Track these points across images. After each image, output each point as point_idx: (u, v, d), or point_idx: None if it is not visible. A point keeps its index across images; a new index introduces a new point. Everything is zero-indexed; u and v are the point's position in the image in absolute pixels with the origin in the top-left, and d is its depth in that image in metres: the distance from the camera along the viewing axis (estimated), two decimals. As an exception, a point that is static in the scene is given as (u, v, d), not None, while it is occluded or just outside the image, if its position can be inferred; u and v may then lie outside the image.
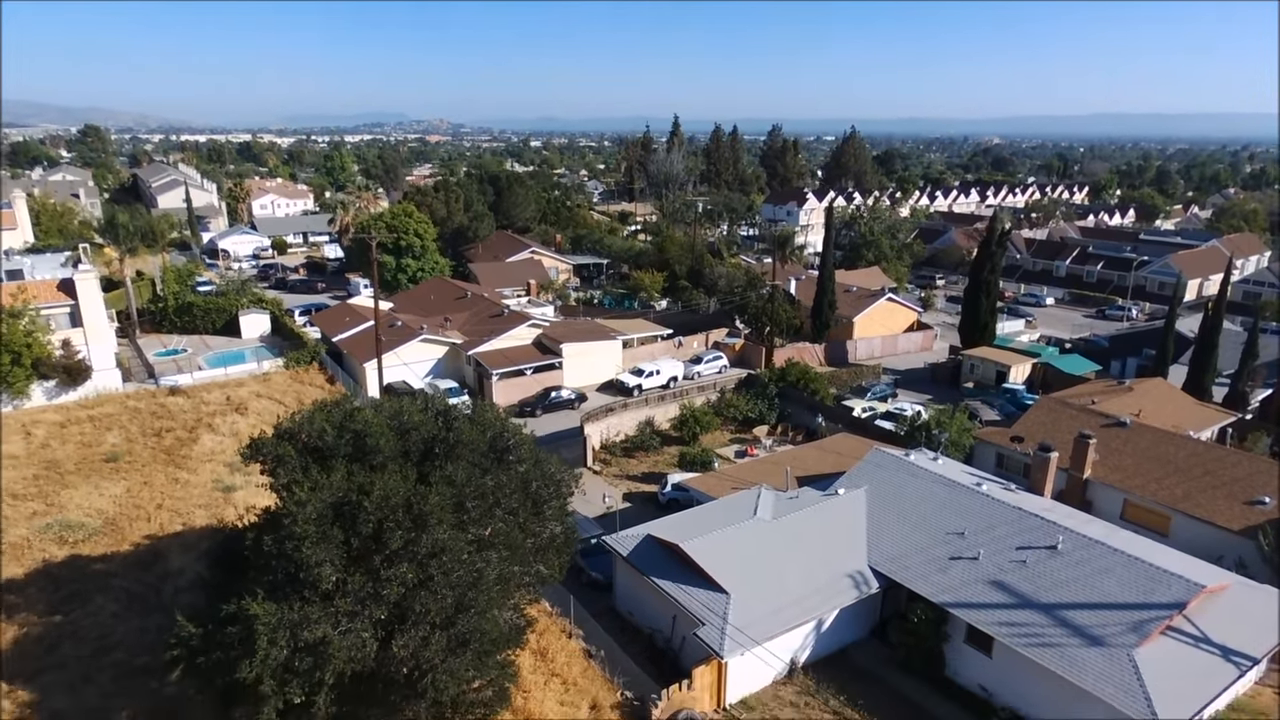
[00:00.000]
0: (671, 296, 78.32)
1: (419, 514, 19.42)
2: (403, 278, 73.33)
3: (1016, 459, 40.29)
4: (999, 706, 25.32)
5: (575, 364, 55.34)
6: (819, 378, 51.11)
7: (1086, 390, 48.22)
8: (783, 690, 26.59)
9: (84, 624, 27.01)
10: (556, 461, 26.16)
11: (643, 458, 45.67)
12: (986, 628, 25.03)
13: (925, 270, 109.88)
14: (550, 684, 25.38)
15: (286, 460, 21.21)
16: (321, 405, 23.40)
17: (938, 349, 71.53)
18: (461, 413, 23.76)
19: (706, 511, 31.68)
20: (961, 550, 28.06)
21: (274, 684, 18.81)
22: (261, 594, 19.10)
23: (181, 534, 33.02)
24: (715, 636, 24.87)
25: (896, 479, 32.42)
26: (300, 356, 56.18)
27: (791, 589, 27.12)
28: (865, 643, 28.90)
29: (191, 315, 65.14)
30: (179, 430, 43.45)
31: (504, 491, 22.31)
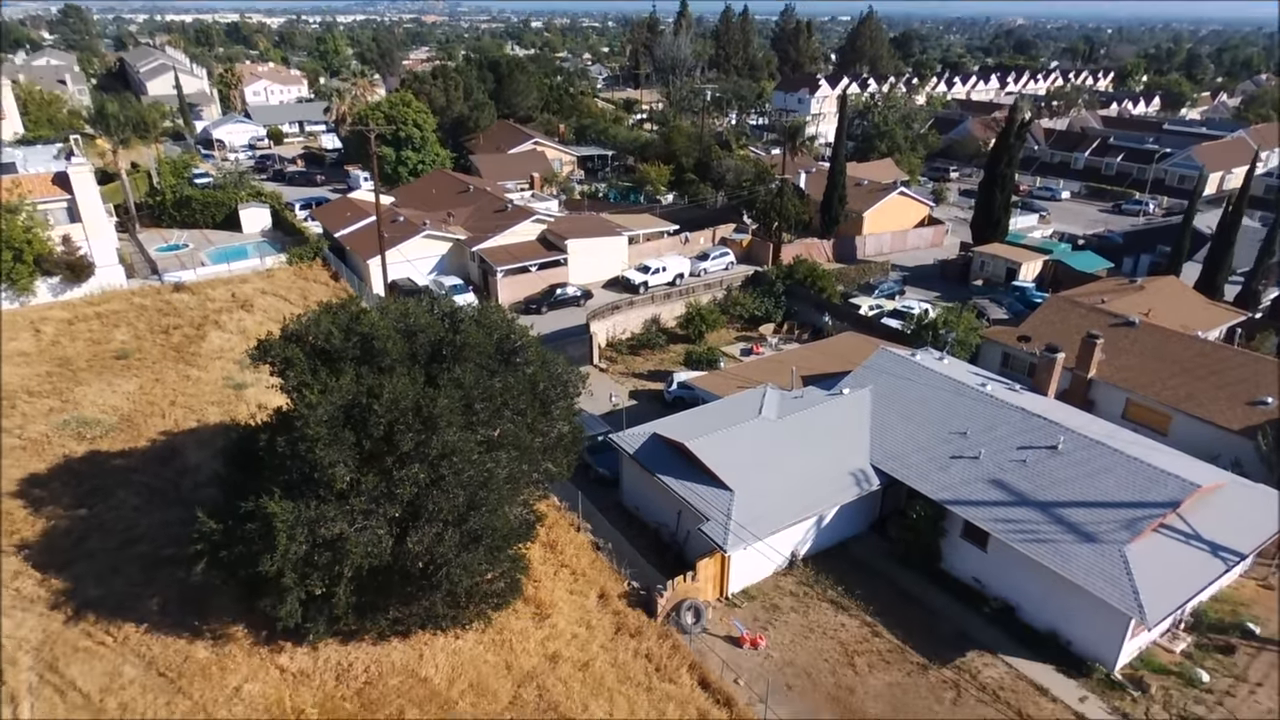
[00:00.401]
0: (678, 190, 76.58)
1: (428, 417, 19.66)
2: (403, 171, 71.65)
3: (1022, 359, 40.32)
4: (991, 597, 26.36)
5: (580, 261, 54.74)
6: (826, 275, 50.58)
7: (1097, 289, 47.71)
8: (783, 581, 27.66)
9: (108, 517, 27.93)
10: (563, 362, 26.29)
11: (648, 356, 45.88)
12: (983, 524, 25.74)
13: (939, 162, 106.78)
14: (560, 574, 26.42)
15: (295, 363, 21.31)
16: (327, 307, 23.32)
17: (948, 245, 70.40)
18: (468, 314, 23.65)
19: (712, 410, 32.05)
20: (963, 449, 28.49)
21: (295, 577, 19.61)
22: (278, 493, 19.62)
23: (196, 430, 33.67)
24: (719, 531, 25.65)
25: (901, 379, 32.57)
26: (303, 252, 55.60)
27: (794, 486, 27.75)
28: (864, 537, 29.83)
29: (190, 209, 64.03)
30: (186, 327, 43.58)
31: (512, 393, 22.50)
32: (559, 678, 22.13)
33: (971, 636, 25.31)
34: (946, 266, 61.57)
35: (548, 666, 22.48)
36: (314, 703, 20.91)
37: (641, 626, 24.34)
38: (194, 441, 32.78)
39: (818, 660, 24.28)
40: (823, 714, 22.34)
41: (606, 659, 22.92)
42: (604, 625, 24.30)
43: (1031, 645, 24.85)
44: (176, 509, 28.40)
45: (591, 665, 22.61)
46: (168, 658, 22.12)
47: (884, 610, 26.23)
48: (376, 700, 21.06)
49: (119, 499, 29.03)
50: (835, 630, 25.48)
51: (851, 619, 25.92)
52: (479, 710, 20.90)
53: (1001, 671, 23.96)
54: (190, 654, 22.27)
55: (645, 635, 23.97)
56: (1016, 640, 25.11)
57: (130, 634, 22.86)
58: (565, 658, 22.78)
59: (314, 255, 55.79)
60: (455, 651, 22.56)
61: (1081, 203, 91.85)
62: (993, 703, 22.82)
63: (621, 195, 77.44)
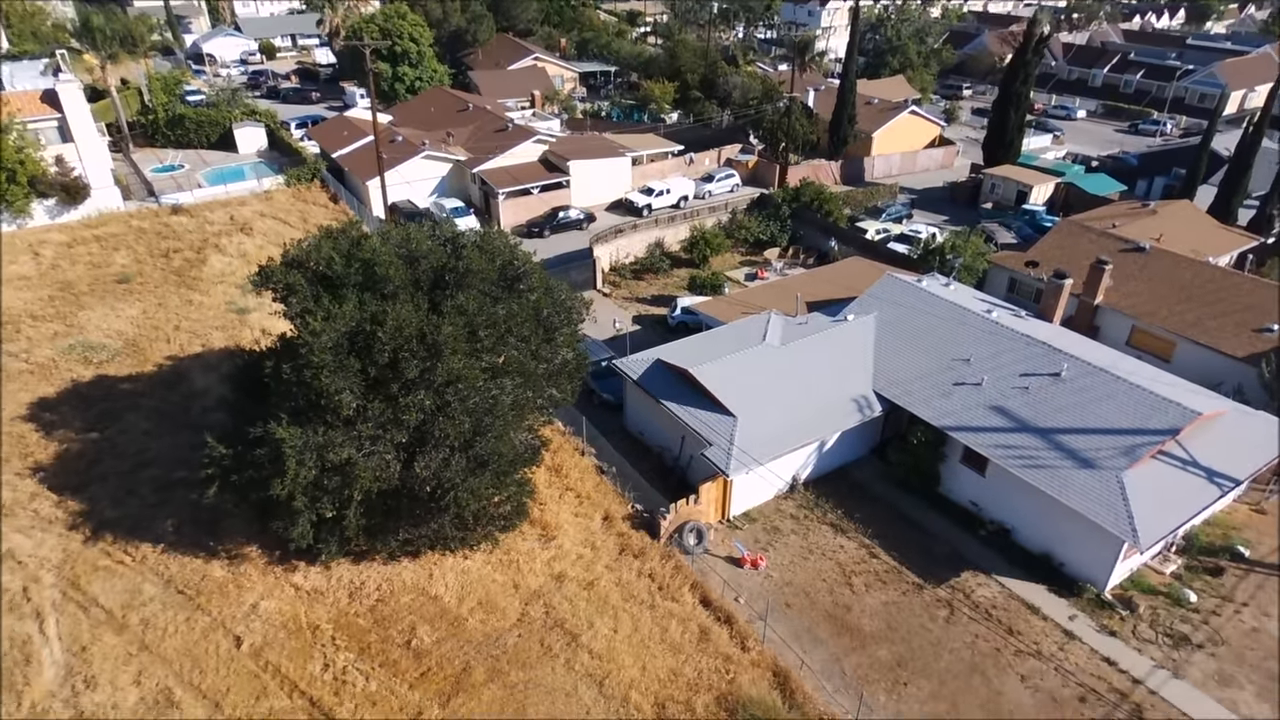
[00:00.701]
0: (683, 109, 74.51)
1: (433, 344, 19.66)
2: (400, 88, 69.61)
3: (1029, 284, 39.99)
4: (987, 520, 26.90)
5: (583, 183, 53.72)
6: (833, 198, 49.71)
7: (1109, 213, 46.88)
8: (784, 504, 28.20)
9: (120, 440, 28.33)
10: (567, 288, 26.13)
11: (652, 280, 45.58)
12: (983, 450, 26.03)
13: (952, 79, 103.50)
14: (565, 497, 26.93)
15: (297, 289, 21.17)
16: (328, 232, 23.03)
17: (959, 167, 68.98)
18: (470, 240, 23.36)
19: (716, 336, 32.02)
20: (966, 376, 28.56)
21: (305, 500, 19.99)
22: (286, 419, 19.80)
23: (201, 355, 33.79)
24: (721, 456, 25.99)
25: (907, 305, 32.39)
26: (301, 174, 54.58)
27: (797, 412, 27.96)
28: (865, 462, 30.24)
29: (184, 128, 62.58)
30: (186, 251, 43.21)
31: (515, 320, 22.42)
32: (565, 596, 22.83)
33: (967, 558, 25.94)
34: (956, 189, 60.44)
35: (554, 585, 23.15)
36: (328, 619, 21.65)
37: (645, 548, 24.94)
38: (200, 366, 32.95)
39: (816, 580, 24.97)
40: (819, 630, 23.11)
41: (611, 578, 23.58)
42: (608, 546, 24.91)
43: (1025, 567, 25.50)
44: (186, 433, 28.75)
45: (596, 584, 23.29)
46: (185, 576, 22.80)
47: (882, 533, 26.82)
48: (389, 616, 21.79)
49: (129, 423, 29.38)
50: (834, 552, 26.11)
51: (850, 541, 26.53)
52: (488, 627, 21.64)
53: (994, 591, 24.65)
54: (207, 573, 22.95)
55: (648, 556, 24.59)
56: (1010, 562, 25.75)
57: (148, 553, 23.50)
58: (571, 577, 23.45)
59: (312, 177, 54.80)
60: (464, 571, 23.22)
61: (1097, 122, 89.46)
62: (984, 620, 23.57)
63: (625, 114, 75.43)
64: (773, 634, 22.56)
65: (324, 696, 19.55)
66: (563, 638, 21.50)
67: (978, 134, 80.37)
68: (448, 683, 20.06)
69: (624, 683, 20.33)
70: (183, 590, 22.36)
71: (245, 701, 19.38)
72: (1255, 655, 22.43)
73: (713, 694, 20.27)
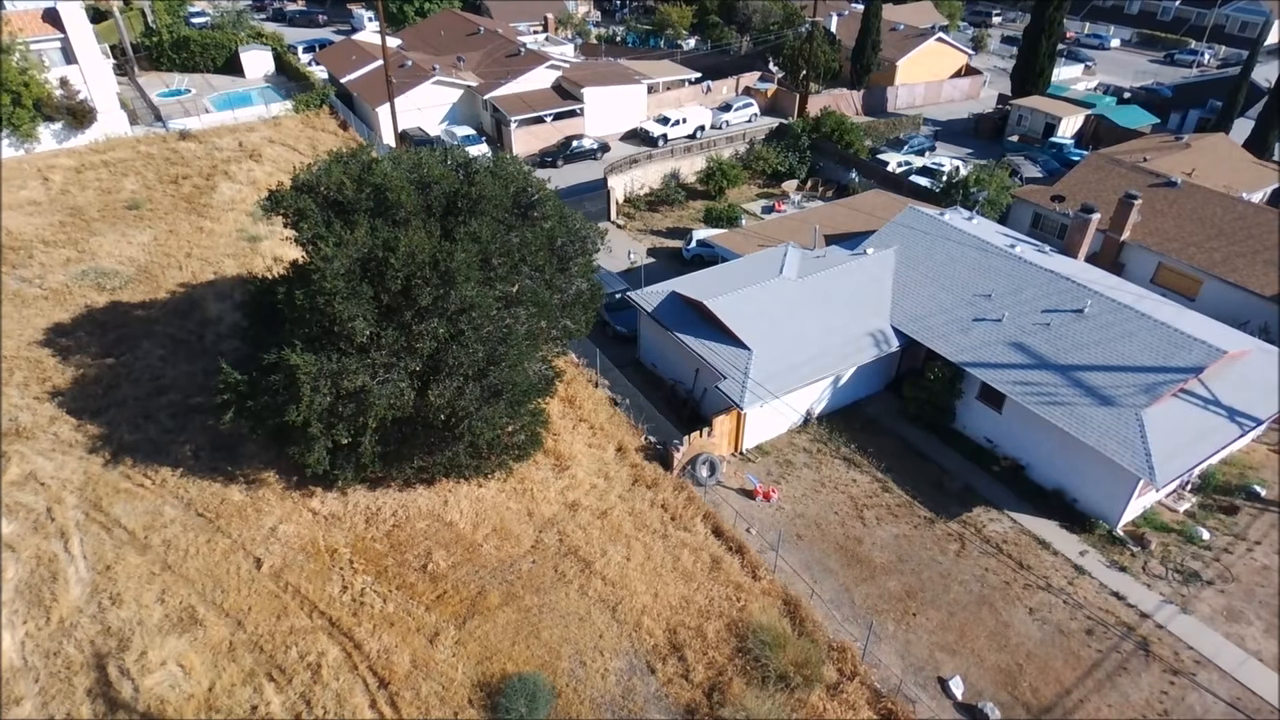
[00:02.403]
0: (700, 34, 72.09)
1: (446, 271, 19.37)
2: (409, 10, 67.56)
3: (1054, 219, 39.01)
4: (1001, 456, 26.80)
5: (597, 111, 52.39)
6: (854, 129, 48.25)
7: (1140, 146, 45.36)
8: (797, 438, 28.17)
9: (136, 366, 28.45)
10: (581, 219, 25.65)
11: (667, 212, 44.77)
12: (1001, 386, 25.73)
13: (981, 4, 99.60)
14: (578, 428, 26.98)
15: (308, 214, 20.83)
16: (338, 156, 22.53)
17: (985, 97, 66.79)
18: (483, 165, 22.81)
19: (732, 269, 31.51)
20: (986, 312, 28.07)
21: (321, 426, 20.07)
22: (300, 345, 19.72)
23: (214, 283, 33.67)
24: (736, 389, 25.84)
25: (928, 239, 31.67)
26: (309, 99, 53.45)
27: (813, 346, 27.67)
28: (880, 396, 30.06)
29: (189, 51, 61.12)
30: (195, 178, 42.67)
31: (529, 249, 22.07)
32: (578, 524, 23.06)
33: (979, 493, 25.95)
34: (981, 121, 58.52)
35: (567, 514, 23.37)
36: (345, 543, 22.00)
37: (658, 479, 25.06)
38: (213, 294, 32.85)
39: (828, 513, 25.09)
40: (830, 561, 23.32)
41: (624, 508, 23.77)
42: (621, 477, 25.04)
43: (1037, 502, 25.51)
44: (201, 360, 28.86)
45: (609, 514, 23.49)
46: (204, 499, 23.14)
47: (895, 467, 26.81)
48: (404, 542, 22.11)
49: (144, 349, 29.46)
50: (846, 485, 26.17)
51: (863, 475, 26.56)
52: (502, 553, 21.94)
53: (1006, 526, 24.73)
54: (226, 496, 23.27)
55: (661, 487, 24.72)
56: (1023, 498, 25.75)
57: (167, 477, 23.82)
58: (584, 506, 23.64)
59: (320, 103, 53.67)
60: (479, 499, 23.45)
61: (1131, 52, 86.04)
62: (995, 554, 23.70)
63: (640, 39, 73.09)
64: (783, 564, 22.80)
65: (343, 617, 19.98)
66: (576, 564, 21.80)
67: (1006, 63, 77.63)
68: (463, 605, 20.44)
69: (636, 609, 20.67)
70: (203, 513, 22.72)
71: (267, 620, 19.84)
72: (1265, 592, 22.51)
73: (723, 620, 20.58)
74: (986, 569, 23.26)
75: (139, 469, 24.09)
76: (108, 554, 21.36)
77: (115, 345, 29.58)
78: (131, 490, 23.36)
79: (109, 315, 31.31)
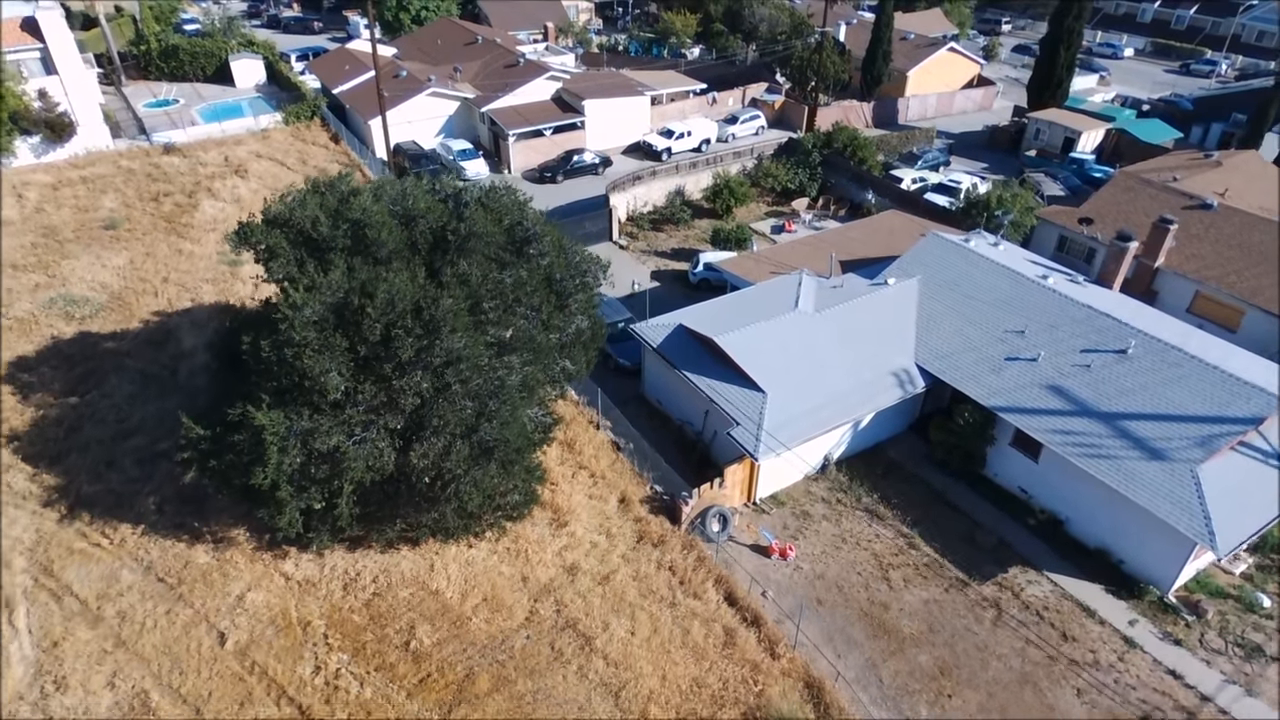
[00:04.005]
0: (705, 43, 70.07)
1: (430, 320, 17.29)
2: (405, 18, 65.52)
3: (1082, 242, 36.94)
4: (1038, 509, 24.69)
5: (599, 124, 50.36)
6: (867, 144, 46.18)
7: (1167, 164, 43.29)
8: (815, 486, 26.08)
9: (101, 405, 26.38)
10: (582, 251, 23.58)
11: (672, 231, 42.69)
12: (1038, 435, 23.64)
13: (990, 12, 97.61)
14: (578, 476, 24.89)
15: (279, 252, 18.76)
16: (314, 186, 20.48)
17: (998, 108, 64.81)
18: (474, 196, 20.74)
19: (743, 299, 29.45)
20: (1019, 350, 25.98)
21: (291, 490, 17.98)
22: (268, 400, 17.65)
23: (191, 311, 31.60)
24: (749, 438, 23.74)
25: (953, 268, 29.60)
26: (300, 111, 51.39)
27: (832, 387, 25.58)
28: (903, 438, 27.96)
29: (178, 60, 59.12)
30: (177, 195, 40.63)
31: (525, 289, 19.99)
32: (578, 591, 20.94)
33: (1015, 550, 23.84)
34: (997, 134, 56.54)
35: (566, 579, 21.25)
36: (321, 614, 19.91)
37: (664, 535, 22.96)
38: (188, 323, 30.79)
39: (850, 573, 22.98)
40: (855, 632, 21.21)
41: (628, 571, 21.66)
42: (625, 533, 22.93)
43: (1079, 561, 23.39)
44: (173, 397, 26.79)
45: (612, 578, 21.37)
46: (167, 562, 21.04)
47: (921, 519, 24.71)
48: (386, 613, 20.00)
49: (111, 385, 27.39)
50: (869, 540, 24.06)
51: (886, 528, 24.45)
52: (493, 627, 19.83)
53: (1046, 590, 22.60)
54: (190, 558, 21.17)
55: (668, 545, 22.61)
56: (1063, 556, 23.63)
57: (127, 535, 21.73)
58: (584, 570, 21.52)
59: (311, 114, 51.63)
60: (468, 562, 21.33)
61: (1146, 61, 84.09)
62: (1036, 624, 21.58)
63: (643, 48, 71.11)
64: (804, 636, 20.67)
65: (314, 705, 17.88)
66: (575, 640, 19.67)
67: (1018, 73, 75.74)
68: (449, 691, 18.33)
69: (642, 695, 18.55)
70: (164, 578, 20.62)
71: (228, 709, 17.75)
72: (1335, 669, 20.41)
73: (739, 709, 18.47)
74: (1027, 640, 21.14)
75: (97, 525, 22.00)
76: (56, 628, 19.26)
77: (81, 381, 27.50)
78: (87, 551, 21.26)
79: (76, 347, 29.23)
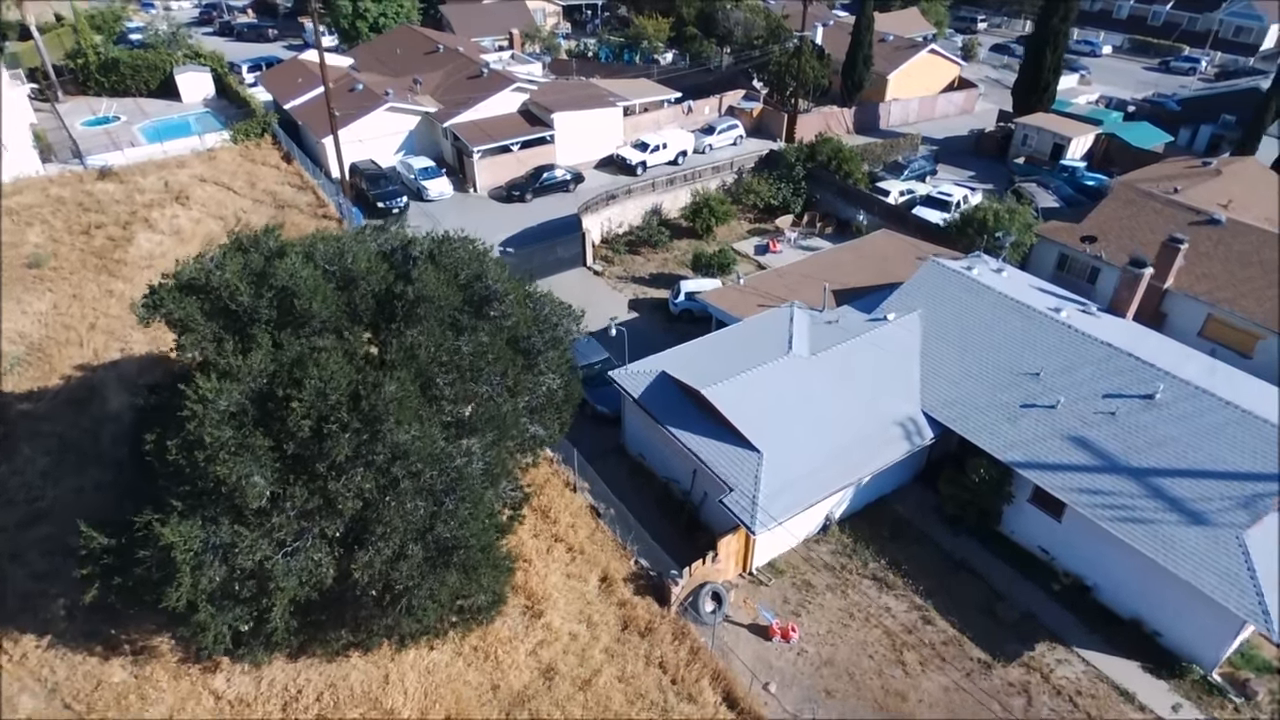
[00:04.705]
0: (679, 47, 67.52)
1: (371, 411, 14.51)
2: (362, 25, 62.19)
3: (1083, 261, 34.90)
4: (1062, 572, 22.45)
5: (569, 137, 47.58)
6: (854, 157, 43.83)
7: (1165, 173, 41.40)
8: (816, 549, 23.63)
9: (10, 484, 23.27)
10: (552, 300, 20.90)
11: (649, 254, 40.05)
12: (1063, 495, 21.37)
13: (964, 10, 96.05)
14: (554, 551, 22.21)
15: (193, 326, 15.88)
16: (237, 242, 17.62)
17: (980, 111, 62.95)
18: (425, 249, 17.95)
19: (730, 338, 26.93)
20: (1035, 396, 23.70)
21: (212, 610, 15.14)
22: (180, 507, 14.80)
23: (119, 364, 28.48)
24: (745, 507, 21.22)
25: (957, 300, 27.30)
26: (249, 128, 48.04)
27: (833, 442, 23.13)
28: (908, 489, 25.61)
29: (119, 74, 55.45)
30: (111, 226, 37.27)
31: (486, 358, 17.27)
32: (555, 700, 18.29)
33: (1041, 622, 21.54)
34: (983, 140, 54.48)
35: (542, 685, 18.58)
36: (256, 742, 17.09)
37: (652, 621, 20.38)
38: (115, 378, 27.68)
39: (861, 656, 20.56)
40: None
41: (612, 671, 19.03)
42: (608, 621, 20.32)
43: (1111, 634, 21.14)
44: (94, 470, 23.76)
45: (594, 681, 18.73)
46: (76, 683, 18.07)
47: (936, 589, 22.34)
48: (333, 739, 17.24)
49: (24, 457, 24.27)
50: (879, 615, 21.66)
51: (898, 600, 22.06)
52: (458, 754, 17.14)
53: (1078, 670, 20.33)
54: (103, 676, 18.21)
55: (657, 634, 20.04)
56: (1092, 627, 21.39)
57: (30, 649, 18.73)
58: (563, 673, 18.86)
59: (261, 132, 48.30)
60: (428, 669, 18.57)
61: (1124, 59, 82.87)
62: (1070, 712, 19.29)
63: (614, 54, 68.38)
64: (814, 741, 18.22)
65: None
66: (554, 765, 17.06)
67: (998, 73, 74.12)
68: (406, 840, 15.63)
69: (633, 835, 15.97)
70: (71, 704, 17.66)
71: None
72: (1402, 757, 18.35)
73: (747, 847, 15.96)
74: (1062, 735, 18.86)
75: (-4, 636, 18.99)
76: (-64, 775, 16.31)
77: (-11, 453, 24.36)
78: (-19, 670, 18.26)
79: (-14, 410, 26.05)
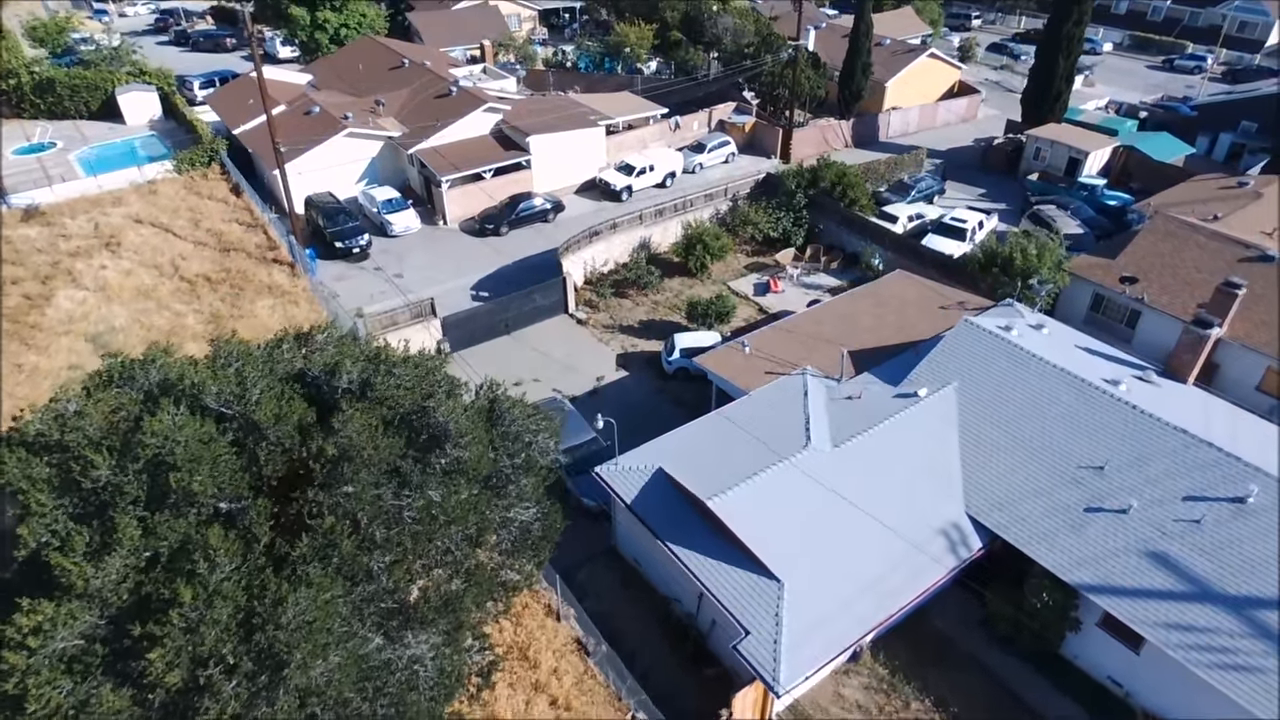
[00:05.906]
0: (663, 56, 63.49)
1: (270, 645, 10.56)
2: (322, 37, 57.69)
3: (1121, 305, 31.35)
4: (1140, 710, 18.89)
5: (547, 161, 43.51)
6: (859, 182, 40.03)
7: (1196, 194, 37.88)
8: (846, 683, 19.94)
9: None
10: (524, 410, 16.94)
11: (638, 297, 36.10)
12: (1144, 629, 17.74)
13: (957, 6, 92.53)
14: (534, 707, 18.36)
15: (35, 506, 11.86)
16: (108, 375, 13.60)
17: (983, 118, 59.40)
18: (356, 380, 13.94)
19: (736, 423, 23.04)
20: (1101, 496, 20.05)
21: None
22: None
23: (21, 462, 24.25)
24: (765, 656, 17.44)
25: (996, 369, 23.59)
26: (194, 157, 43.53)
27: (867, 562, 19.39)
28: (948, 594, 21.90)
29: (55, 95, 50.83)
30: (28, 281, 32.90)
31: (438, 521, 13.34)
32: None
33: (1119, 781, 18.02)
34: (991, 153, 50.84)
35: None
36: None
37: (656, 804, 16.63)
38: (15, 483, 23.45)
39: (910, 838, 16.90)
40: None
41: None
42: (601, 809, 16.54)
43: (1205, 796, 17.63)
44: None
45: None
46: None
47: (991, 735, 18.74)
48: None
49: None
50: (927, 776, 18.01)
51: (948, 754, 18.42)
52: None
53: None
54: None
55: (663, 826, 16.27)
56: (1182, 785, 17.88)
57: None
58: None
59: (208, 160, 43.86)
60: None
61: (1126, 56, 79.58)
62: None
63: (594, 63, 64.25)
64: None
65: None
66: None
67: (998, 75, 70.73)
68: None
69: None
70: None
71: None
72: None
73: None
74: None
75: None
76: None
77: None
78: None
79: None
